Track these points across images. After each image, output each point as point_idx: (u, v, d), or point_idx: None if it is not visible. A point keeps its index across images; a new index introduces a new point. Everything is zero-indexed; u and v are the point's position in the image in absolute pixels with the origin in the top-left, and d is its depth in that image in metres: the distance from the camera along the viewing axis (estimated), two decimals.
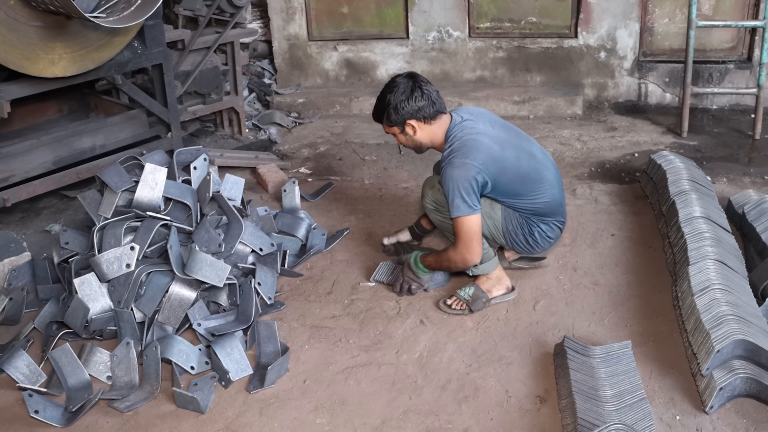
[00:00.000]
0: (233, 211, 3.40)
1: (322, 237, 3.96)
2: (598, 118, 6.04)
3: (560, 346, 2.94)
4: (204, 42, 5.29)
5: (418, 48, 6.60)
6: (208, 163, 3.58)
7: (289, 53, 6.77)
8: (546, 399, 2.77)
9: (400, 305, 3.41)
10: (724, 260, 3.24)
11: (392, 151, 5.37)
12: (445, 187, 3.15)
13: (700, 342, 2.80)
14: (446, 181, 3.14)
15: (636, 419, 2.54)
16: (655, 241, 3.91)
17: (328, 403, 2.81)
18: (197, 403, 2.75)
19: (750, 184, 4.64)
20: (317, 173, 5.07)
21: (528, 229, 3.38)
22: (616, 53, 6.31)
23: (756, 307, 3.00)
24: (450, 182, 3.12)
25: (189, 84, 5.19)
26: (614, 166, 5.01)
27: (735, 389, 2.70)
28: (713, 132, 5.68)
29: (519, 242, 3.42)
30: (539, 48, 6.41)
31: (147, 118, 4.65)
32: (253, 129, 5.97)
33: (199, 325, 3.16)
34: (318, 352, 3.11)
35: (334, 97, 6.44)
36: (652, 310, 3.32)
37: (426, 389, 2.85)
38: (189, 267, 3.15)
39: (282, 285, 3.60)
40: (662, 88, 6.34)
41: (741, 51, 6.26)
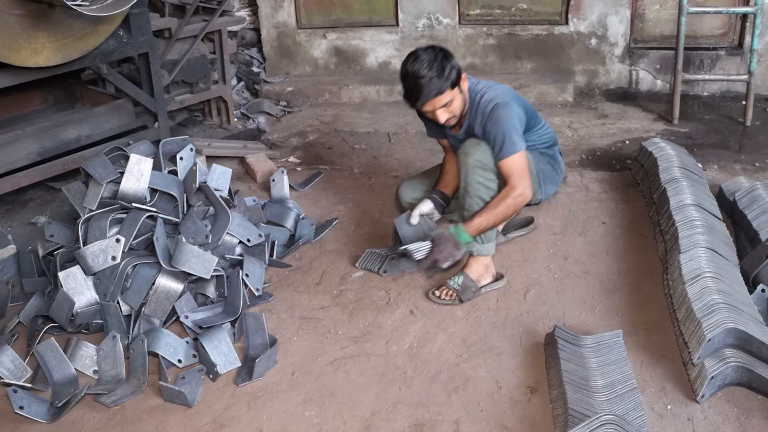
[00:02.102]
0: (220, 201, 3.36)
1: (311, 227, 3.92)
2: (589, 105, 6.01)
3: (551, 335, 2.92)
4: (191, 30, 5.22)
5: (407, 35, 6.55)
6: (194, 154, 3.53)
7: (277, 41, 6.72)
8: (537, 389, 2.75)
9: (390, 295, 3.38)
10: (715, 248, 3.22)
11: (382, 140, 5.33)
12: (500, 128, 3.25)
13: (692, 331, 2.79)
14: (500, 122, 3.25)
15: (627, 409, 2.52)
16: (646, 228, 3.88)
17: (317, 395, 2.78)
18: (184, 396, 2.72)
19: (741, 171, 4.62)
20: (306, 162, 5.03)
21: (550, 157, 3.70)
22: (606, 40, 6.28)
23: (747, 295, 2.99)
24: (505, 121, 3.25)
25: (176, 73, 5.13)
26: (605, 154, 4.99)
27: (726, 378, 2.69)
28: (704, 119, 5.66)
29: (549, 177, 3.73)
30: (530, 35, 6.37)
31: (133, 107, 4.59)
32: (242, 118, 5.92)
33: (187, 318, 3.12)
34: (307, 344, 3.08)
35: (324, 85, 6.39)
36: (643, 298, 3.30)
37: (416, 380, 2.83)
38: (176, 259, 3.11)
39: (270, 276, 3.57)
40: (653, 74, 6.31)
41: (732, 37, 6.23)
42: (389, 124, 5.70)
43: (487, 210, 3.27)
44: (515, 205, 3.29)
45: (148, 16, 4.37)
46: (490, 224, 3.28)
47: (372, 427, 2.61)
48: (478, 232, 3.28)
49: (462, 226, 3.26)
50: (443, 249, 3.23)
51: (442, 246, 3.24)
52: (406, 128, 5.57)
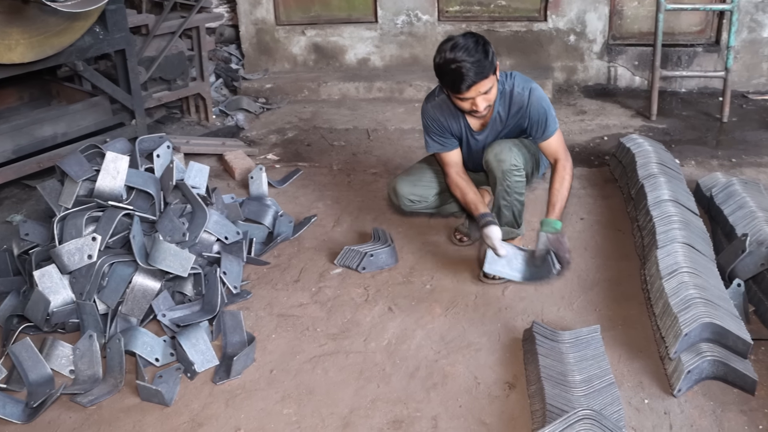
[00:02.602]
0: (197, 199, 3.34)
1: (290, 224, 3.91)
2: (568, 102, 6.03)
3: (529, 331, 2.93)
4: (169, 27, 5.20)
5: (387, 32, 6.54)
6: (171, 151, 3.51)
7: (256, 38, 6.69)
8: (515, 385, 2.75)
9: (368, 292, 3.37)
10: (692, 243, 3.24)
11: (361, 137, 5.33)
12: (543, 109, 3.33)
13: (669, 325, 2.80)
14: (542, 104, 3.33)
15: (604, 404, 2.53)
16: (624, 224, 3.90)
17: (295, 392, 2.77)
18: (162, 395, 2.70)
19: (718, 166, 4.65)
20: (285, 159, 5.01)
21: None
22: (585, 36, 6.30)
23: (723, 289, 3.00)
24: (544, 102, 3.34)
25: (154, 70, 5.10)
26: (583, 150, 5.01)
27: (702, 372, 2.70)
28: (682, 115, 5.69)
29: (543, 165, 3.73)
30: (509, 31, 6.38)
31: (110, 105, 4.56)
32: (220, 115, 5.89)
33: (164, 316, 3.10)
34: (285, 342, 3.07)
35: (303, 82, 6.37)
36: (621, 293, 3.32)
37: (394, 377, 2.82)
38: (153, 257, 3.09)
39: (249, 273, 3.55)
40: (631, 71, 6.35)
41: (709, 34, 6.28)
42: (368, 120, 5.69)
43: (559, 193, 3.30)
44: (572, 176, 3.40)
45: (124, 12, 4.34)
46: (565, 203, 3.34)
47: (350, 424, 2.60)
48: (561, 215, 3.31)
49: (551, 219, 3.26)
50: (563, 246, 3.22)
51: (561, 247, 3.21)
52: (385, 125, 5.57)
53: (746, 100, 6.00)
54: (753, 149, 4.95)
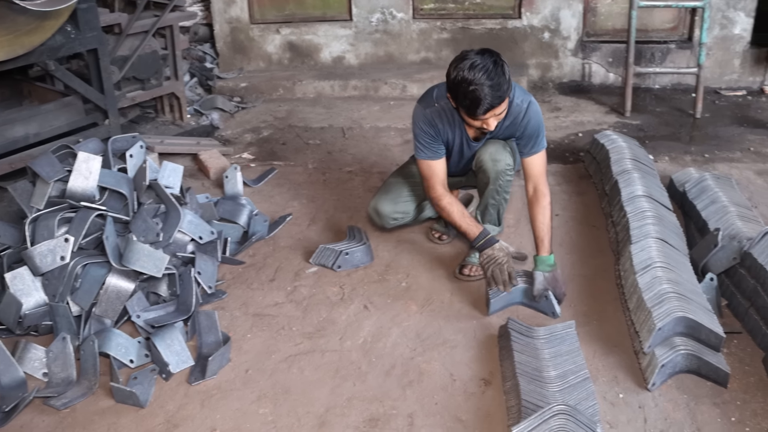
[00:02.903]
0: (171, 199, 3.31)
1: (265, 223, 3.90)
2: (543, 99, 6.06)
3: (504, 328, 2.94)
4: (142, 26, 5.15)
5: (361, 30, 6.54)
6: (144, 151, 3.49)
7: (230, 36, 6.66)
8: (491, 381, 2.76)
9: (344, 291, 3.37)
10: (665, 238, 3.26)
11: (336, 135, 5.32)
12: (536, 123, 3.27)
13: (642, 320, 2.82)
14: (536, 118, 3.27)
15: (579, 399, 2.54)
16: (598, 220, 3.93)
17: (271, 392, 2.76)
18: (136, 397, 2.68)
19: (691, 162, 4.69)
20: (260, 158, 5.00)
21: None
22: (559, 34, 6.33)
23: (696, 284, 3.03)
24: (539, 117, 3.30)
25: (127, 69, 5.05)
26: (558, 146, 5.03)
27: (676, 366, 2.73)
28: (656, 111, 5.74)
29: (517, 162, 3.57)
30: (483, 29, 6.40)
31: (83, 105, 4.51)
32: (195, 114, 5.86)
33: (138, 317, 3.07)
34: (260, 341, 3.05)
35: (278, 80, 6.35)
36: (595, 289, 3.34)
37: (370, 375, 2.82)
38: (126, 258, 3.06)
39: (224, 273, 3.54)
40: (606, 68, 6.39)
41: (682, 31, 6.34)
42: (343, 119, 5.69)
43: (545, 226, 3.23)
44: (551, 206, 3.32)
45: (96, 11, 4.29)
46: (551, 234, 3.27)
47: (326, 423, 2.59)
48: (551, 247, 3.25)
49: (543, 255, 3.21)
50: (558, 283, 3.20)
51: (556, 283, 3.19)
52: (360, 123, 5.57)
53: (719, 96, 6.06)
54: (725, 144, 5.00)
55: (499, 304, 3.19)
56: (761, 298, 2.92)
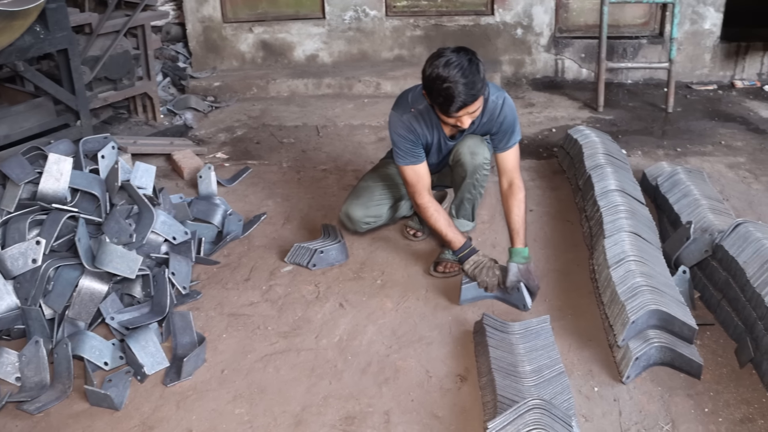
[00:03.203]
0: (143, 199, 3.29)
1: (239, 223, 3.88)
2: (516, 95, 6.08)
3: (479, 323, 2.95)
4: (113, 26, 5.11)
5: (335, 28, 6.53)
6: (116, 151, 3.46)
7: (203, 36, 6.63)
8: (466, 377, 2.77)
9: (319, 289, 3.36)
10: (638, 232, 3.29)
11: (310, 134, 5.31)
12: (512, 120, 3.28)
13: (616, 313, 2.84)
14: (512, 114, 3.28)
15: (555, 393, 2.56)
16: (572, 215, 3.95)
17: (246, 392, 2.75)
18: (111, 399, 2.66)
19: (664, 156, 4.73)
20: (234, 158, 4.98)
21: None
22: (532, 30, 6.36)
23: (669, 276, 3.06)
24: (514, 112, 3.30)
25: (98, 69, 5.01)
26: (532, 142, 5.05)
27: (650, 358, 2.75)
28: (628, 106, 5.78)
29: None
30: (456, 26, 6.41)
31: (54, 106, 4.46)
32: (168, 114, 5.82)
33: (113, 319, 3.05)
34: (236, 341, 3.04)
35: (251, 79, 6.33)
36: (570, 283, 3.36)
37: (346, 373, 2.82)
38: (99, 259, 3.04)
39: (198, 273, 3.52)
40: (578, 63, 6.42)
41: (653, 26, 6.39)
42: (317, 117, 5.68)
43: (519, 218, 3.26)
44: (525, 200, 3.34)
45: (66, 10, 4.24)
46: (525, 226, 3.29)
47: (303, 422, 2.59)
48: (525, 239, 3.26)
49: (518, 247, 3.22)
50: (532, 276, 3.20)
51: (530, 275, 3.19)
52: (334, 121, 5.56)
53: (690, 91, 6.12)
54: (697, 138, 5.05)
55: (470, 293, 3.20)
56: (733, 289, 2.95)
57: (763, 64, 6.24)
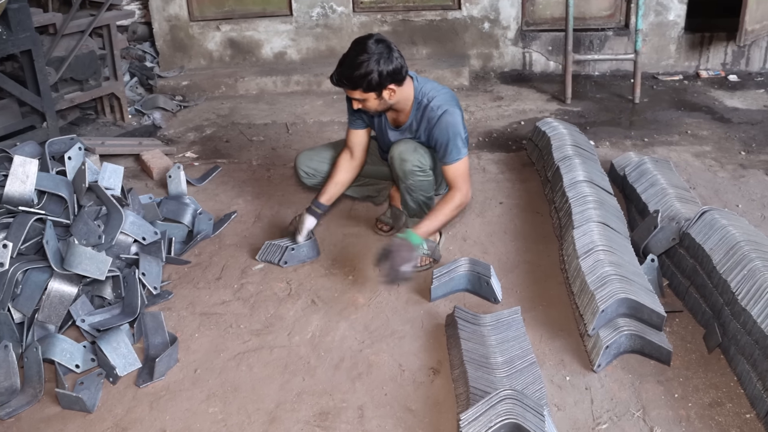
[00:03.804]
0: (112, 200, 3.26)
1: (209, 222, 3.86)
2: (485, 88, 6.11)
3: (451, 316, 2.96)
4: (78, 26, 5.06)
5: (302, 25, 6.51)
6: (83, 153, 3.43)
7: (170, 35, 6.58)
8: (439, 370, 2.78)
9: (291, 286, 3.36)
10: (607, 222, 3.32)
11: (280, 131, 5.30)
12: (446, 135, 3.27)
13: (586, 303, 2.86)
14: (447, 129, 3.26)
15: (527, 383, 2.58)
16: (542, 206, 3.97)
17: (220, 391, 2.74)
18: (83, 402, 2.64)
19: (631, 146, 4.78)
20: (204, 157, 4.95)
21: None
22: (499, 23, 6.38)
23: (637, 265, 3.09)
24: (451, 129, 3.27)
25: (64, 70, 4.97)
26: (501, 135, 5.07)
27: (620, 346, 2.78)
28: (596, 97, 5.83)
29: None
30: (423, 21, 6.42)
31: (19, 107, 4.42)
32: (137, 115, 5.78)
33: (83, 321, 3.03)
34: (208, 340, 3.03)
35: (219, 78, 6.30)
36: (540, 274, 3.38)
37: (319, 369, 2.82)
38: (68, 261, 3.01)
39: (170, 273, 3.50)
40: (546, 56, 6.45)
41: (619, 18, 6.44)
42: (287, 114, 5.66)
43: (434, 214, 3.29)
44: (459, 208, 3.34)
45: (28, 11, 4.21)
46: (437, 226, 3.32)
47: (277, 419, 2.59)
48: (428, 235, 3.27)
49: (411, 231, 3.21)
50: (401, 254, 3.10)
51: (399, 251, 3.11)
52: (304, 118, 5.55)
53: (656, 81, 6.18)
54: (664, 128, 5.10)
55: (440, 291, 3.21)
56: (700, 276, 2.98)
57: (726, 54, 6.32)
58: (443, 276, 3.20)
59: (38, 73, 4.35)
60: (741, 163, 4.47)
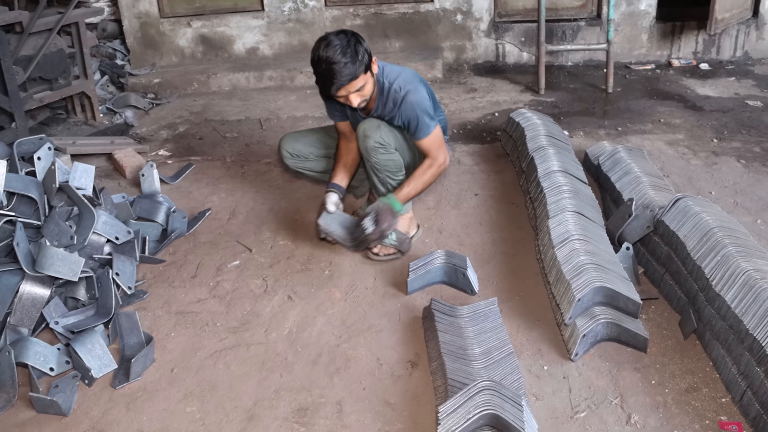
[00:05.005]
0: (83, 200, 3.22)
1: (183, 220, 3.83)
2: (459, 81, 6.11)
3: (428, 309, 2.95)
4: (45, 23, 4.99)
5: (274, 20, 6.47)
6: (53, 152, 3.38)
7: (141, 32, 6.52)
8: (417, 363, 2.78)
9: (267, 282, 3.34)
10: (581, 211, 3.32)
11: (254, 127, 5.27)
12: (413, 112, 3.32)
13: (562, 292, 2.87)
14: (413, 108, 3.31)
15: (504, 374, 2.58)
16: (517, 197, 3.98)
17: (197, 390, 2.72)
18: (58, 405, 2.61)
19: (605, 135, 4.79)
20: (177, 154, 4.91)
21: None
22: (472, 15, 6.38)
23: (612, 253, 3.10)
24: (417, 107, 3.31)
25: (32, 69, 4.89)
26: (475, 127, 5.07)
27: (597, 335, 2.78)
28: (569, 88, 5.84)
29: None
30: (396, 14, 6.40)
31: None
32: (108, 113, 5.72)
33: (57, 324, 2.99)
34: (185, 339, 3.01)
35: (192, 75, 6.25)
36: (517, 265, 3.38)
37: (297, 365, 2.81)
38: (39, 263, 2.97)
39: (144, 273, 3.47)
40: (519, 47, 6.46)
41: (591, 9, 6.46)
42: (260, 110, 5.63)
43: (413, 179, 3.39)
44: (437, 173, 3.44)
45: None
46: (416, 192, 3.42)
47: (255, 416, 2.57)
48: (407, 200, 3.39)
49: (393, 196, 3.34)
50: (386, 218, 3.29)
51: (384, 216, 3.29)
52: (277, 114, 5.52)
53: (629, 71, 6.21)
54: (637, 117, 5.12)
55: (417, 284, 3.21)
56: (674, 263, 3.00)
57: (698, 43, 6.36)
58: (419, 269, 3.20)
59: (5, 72, 4.29)
60: (713, 150, 4.50)
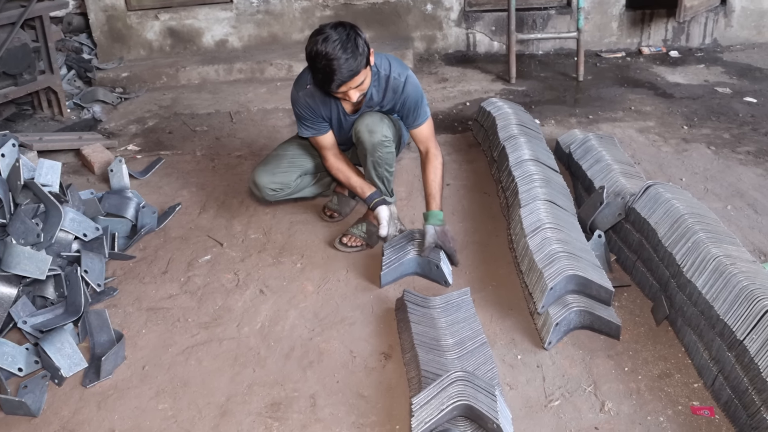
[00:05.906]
0: (49, 197, 3.17)
1: (153, 215, 3.78)
2: (430, 70, 6.09)
3: (401, 300, 2.94)
4: (8, 17, 4.90)
5: (243, 11, 6.42)
6: (17, 149, 3.33)
7: (107, 25, 6.43)
8: (390, 355, 2.76)
9: (239, 277, 3.31)
10: (553, 200, 3.32)
11: (224, 120, 5.22)
12: (415, 98, 3.32)
13: (535, 281, 2.87)
14: (415, 93, 3.32)
15: (478, 364, 2.57)
16: (489, 186, 3.98)
17: (169, 386, 2.69)
18: (27, 406, 2.57)
19: (576, 124, 4.80)
20: (146, 149, 4.86)
21: None
22: (442, 5, 6.37)
23: (584, 241, 3.10)
24: (416, 91, 3.33)
25: None
26: (447, 117, 5.07)
27: (570, 323, 2.79)
28: (540, 76, 5.85)
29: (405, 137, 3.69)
30: (366, 4, 6.38)
31: None
32: (76, 108, 5.65)
33: (25, 323, 2.94)
34: (156, 335, 2.97)
35: (160, 68, 6.18)
36: (489, 254, 3.38)
37: (269, 360, 2.78)
38: (5, 262, 2.92)
39: (114, 269, 3.43)
40: (489, 36, 6.46)
41: None
42: (230, 103, 5.59)
43: (436, 184, 3.33)
44: (443, 168, 3.41)
45: None
46: (441, 192, 3.37)
47: (228, 412, 2.54)
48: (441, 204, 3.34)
49: (433, 210, 3.28)
50: (447, 237, 3.23)
51: (445, 237, 3.23)
52: (247, 106, 5.48)
53: (599, 59, 6.23)
54: (608, 105, 5.14)
55: (391, 276, 3.19)
56: (646, 250, 3.01)
57: (667, 31, 6.39)
58: (393, 261, 3.19)
59: None
60: (684, 137, 4.52)
